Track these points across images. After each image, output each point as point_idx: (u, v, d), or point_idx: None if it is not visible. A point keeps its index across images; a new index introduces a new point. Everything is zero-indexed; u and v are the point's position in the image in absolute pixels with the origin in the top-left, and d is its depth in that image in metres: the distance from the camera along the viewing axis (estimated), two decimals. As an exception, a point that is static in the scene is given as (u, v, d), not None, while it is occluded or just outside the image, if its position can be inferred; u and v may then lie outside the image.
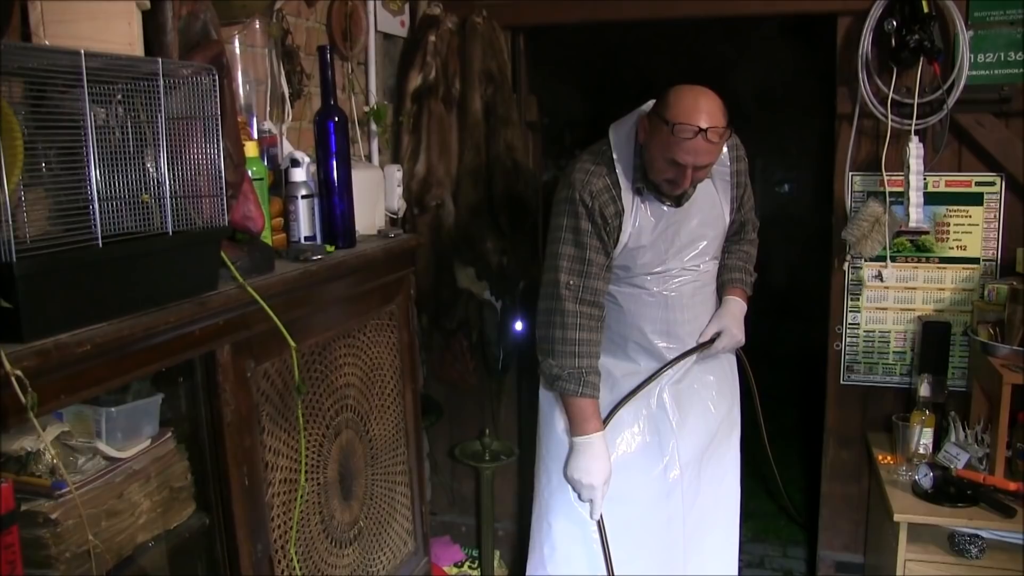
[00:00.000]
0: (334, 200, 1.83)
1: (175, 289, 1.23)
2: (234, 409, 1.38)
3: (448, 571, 3.31)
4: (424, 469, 2.19)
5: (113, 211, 1.17)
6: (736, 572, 2.65)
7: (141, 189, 1.22)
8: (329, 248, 1.79)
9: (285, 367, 1.54)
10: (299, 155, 1.84)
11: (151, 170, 1.24)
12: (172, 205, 1.22)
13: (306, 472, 1.64)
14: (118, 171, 1.19)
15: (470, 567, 3.36)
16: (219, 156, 1.30)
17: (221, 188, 1.30)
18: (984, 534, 2.45)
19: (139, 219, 1.22)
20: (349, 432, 1.81)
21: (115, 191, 1.18)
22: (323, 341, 1.69)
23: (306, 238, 1.81)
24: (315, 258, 1.63)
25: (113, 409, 1.27)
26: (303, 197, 1.79)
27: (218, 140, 1.29)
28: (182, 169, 1.26)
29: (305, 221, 1.80)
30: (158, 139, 1.23)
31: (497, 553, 3.36)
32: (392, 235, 2.00)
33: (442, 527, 3.48)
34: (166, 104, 1.23)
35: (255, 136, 1.87)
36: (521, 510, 3.39)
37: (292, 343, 1.43)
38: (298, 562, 1.61)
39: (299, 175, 1.79)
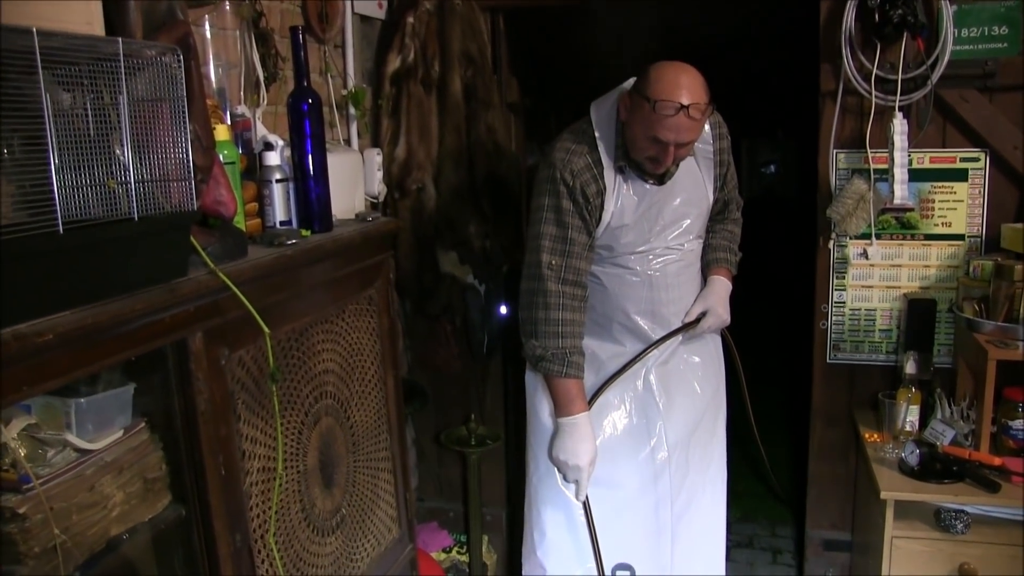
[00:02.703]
0: (309, 184, 1.80)
1: (143, 276, 1.20)
2: (208, 398, 1.35)
3: (436, 557, 3.30)
4: (408, 455, 2.17)
5: (80, 198, 1.14)
6: (724, 554, 2.64)
7: (108, 175, 1.19)
8: (305, 232, 1.76)
9: (261, 354, 1.51)
10: (273, 138, 1.80)
11: (119, 155, 1.20)
12: (137, 190, 1.19)
13: (285, 460, 1.61)
14: (84, 156, 1.15)
15: (458, 552, 3.34)
16: (186, 140, 1.26)
17: (189, 172, 1.27)
18: (969, 509, 2.45)
19: (107, 206, 1.19)
20: (329, 419, 1.78)
21: (82, 177, 1.15)
22: (300, 327, 1.66)
23: (282, 223, 1.78)
24: (290, 243, 1.61)
25: (83, 400, 1.24)
26: (278, 181, 1.76)
27: (185, 123, 1.26)
28: (148, 153, 1.23)
29: (280, 206, 1.77)
30: (123, 123, 1.19)
31: (485, 538, 3.34)
32: (370, 219, 1.97)
33: (429, 513, 3.46)
34: (130, 86, 1.20)
35: (227, 120, 1.83)
36: (509, 494, 3.38)
37: (266, 329, 1.40)
38: (278, 552, 1.58)
39: (273, 159, 1.76)
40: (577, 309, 2.32)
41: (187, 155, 1.26)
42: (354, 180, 2.59)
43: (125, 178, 1.18)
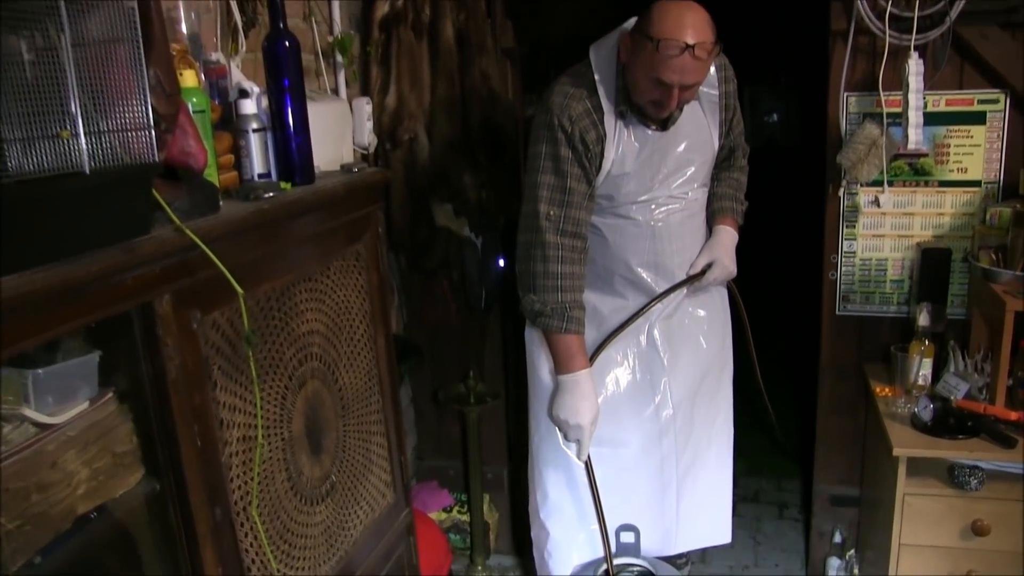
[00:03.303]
0: (288, 133, 1.69)
1: (98, 235, 1.10)
2: (179, 364, 1.26)
3: (437, 517, 3.24)
4: (402, 417, 2.08)
5: (32, 150, 1.04)
6: (731, 511, 2.57)
7: (61, 125, 1.08)
8: (284, 185, 1.66)
9: (237, 316, 1.41)
10: (248, 85, 1.69)
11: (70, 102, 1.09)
12: (90, 141, 1.08)
13: (267, 428, 1.53)
14: (32, 104, 1.05)
15: (459, 512, 3.28)
16: (145, 85, 1.15)
17: (148, 121, 1.16)
18: (984, 465, 2.37)
19: (62, 159, 1.08)
20: (315, 382, 1.69)
21: (33, 128, 1.04)
22: (281, 286, 1.56)
23: (260, 176, 1.67)
24: (267, 196, 1.50)
25: (40, 371, 1.15)
26: (255, 131, 1.65)
27: (142, 67, 1.15)
28: (103, 101, 1.12)
29: (258, 157, 1.66)
30: (78, 67, 1.08)
31: (487, 497, 3.28)
32: (356, 170, 1.86)
33: (429, 472, 3.40)
34: (80, 27, 1.08)
35: (200, 67, 1.72)
36: (511, 452, 3.31)
37: (239, 290, 1.30)
38: (263, 524, 1.50)
39: (249, 107, 1.64)
40: (577, 262, 2.23)
41: (146, 102, 1.15)
42: (342, 131, 2.47)
43: (75, 128, 1.07)
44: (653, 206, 2.29)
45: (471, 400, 3.03)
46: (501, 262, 2.98)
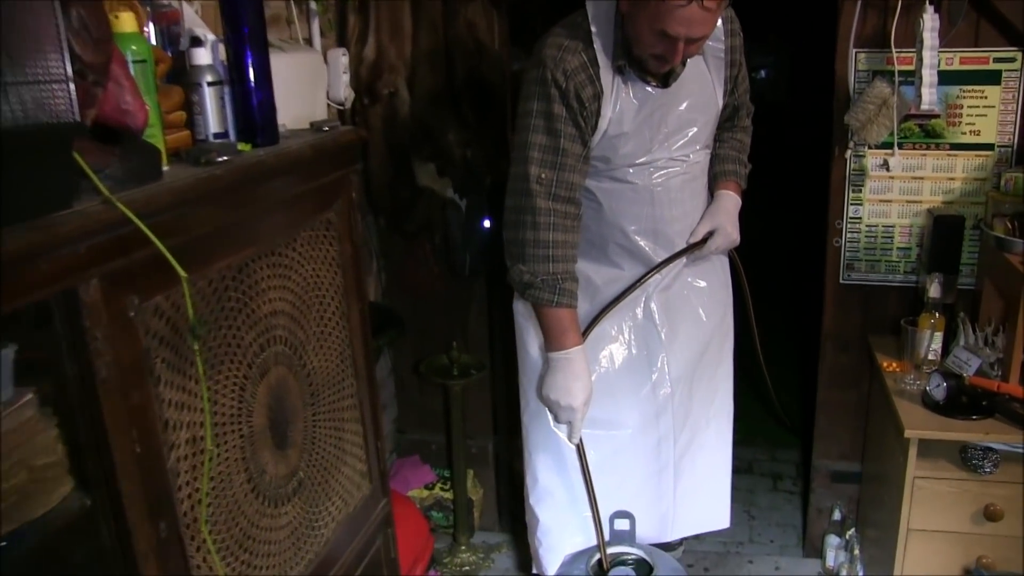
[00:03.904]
0: (248, 87, 1.49)
1: (6, 210, 0.91)
2: (112, 360, 1.08)
3: (418, 494, 3.09)
4: (378, 400, 1.91)
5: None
6: (730, 494, 2.43)
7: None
8: (244, 146, 1.46)
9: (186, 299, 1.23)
10: (201, 31, 1.49)
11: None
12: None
13: (224, 425, 1.35)
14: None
15: (442, 488, 3.13)
16: (60, 27, 0.95)
17: (66, 71, 0.96)
18: (997, 446, 2.23)
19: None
20: (280, 369, 1.51)
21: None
22: (239, 262, 1.37)
23: (216, 135, 1.47)
24: (220, 160, 1.30)
25: (-60, 371, 0.97)
26: (210, 84, 1.44)
27: (54, 5, 0.95)
28: (9, 46, 0.92)
29: (214, 114, 1.46)
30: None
31: (471, 472, 3.13)
32: (327, 128, 1.66)
33: (411, 446, 3.24)
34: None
35: (148, 12, 1.51)
36: (496, 425, 3.15)
37: (182, 273, 1.11)
38: (217, 534, 1.33)
39: (203, 56, 1.44)
40: (570, 229, 2.05)
41: (62, 48, 0.96)
42: (315, 85, 2.27)
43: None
44: (652, 169, 2.12)
45: (455, 372, 2.86)
46: (487, 225, 2.80)
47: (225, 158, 1.32)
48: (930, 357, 2.39)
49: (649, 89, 2.03)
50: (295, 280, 1.55)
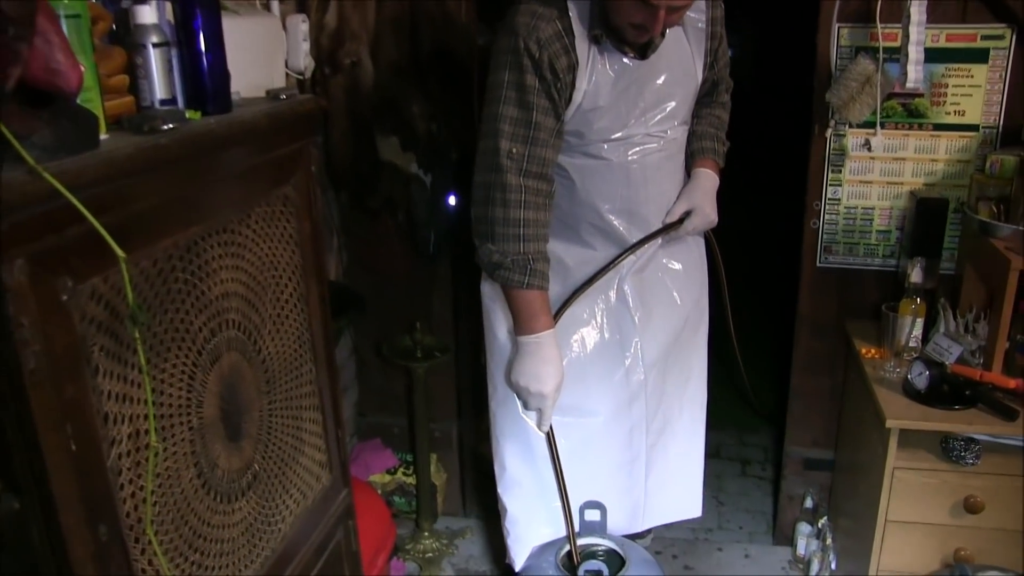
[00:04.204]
0: (198, 49, 1.36)
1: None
2: (42, 349, 0.96)
3: (380, 479, 2.99)
4: (338, 386, 1.80)
5: None
6: (702, 483, 2.36)
7: None
8: (192, 114, 1.34)
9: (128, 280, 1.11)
10: (146, -13, 1.35)
11: None
12: None
13: (171, 417, 1.24)
14: None
15: (404, 473, 3.03)
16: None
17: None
18: (980, 437, 2.17)
19: None
20: (233, 355, 1.40)
21: None
22: (187, 240, 1.25)
23: (163, 102, 1.35)
24: (165, 128, 1.18)
25: None
26: (155, 46, 1.32)
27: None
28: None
29: (160, 79, 1.34)
30: None
31: (434, 457, 3.03)
32: (283, 96, 1.54)
33: (372, 429, 3.14)
34: None
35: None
36: (460, 408, 3.06)
37: (119, 252, 0.99)
38: (164, 535, 1.23)
39: (147, 15, 1.31)
40: (541, 207, 1.95)
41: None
42: (272, 52, 2.16)
43: None
44: (628, 145, 2.02)
45: (418, 355, 2.76)
46: (452, 202, 2.69)
47: (171, 126, 1.20)
48: (911, 344, 2.33)
49: (626, 61, 1.93)
50: (249, 260, 1.44)
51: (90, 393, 1.06)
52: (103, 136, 1.15)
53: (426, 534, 2.97)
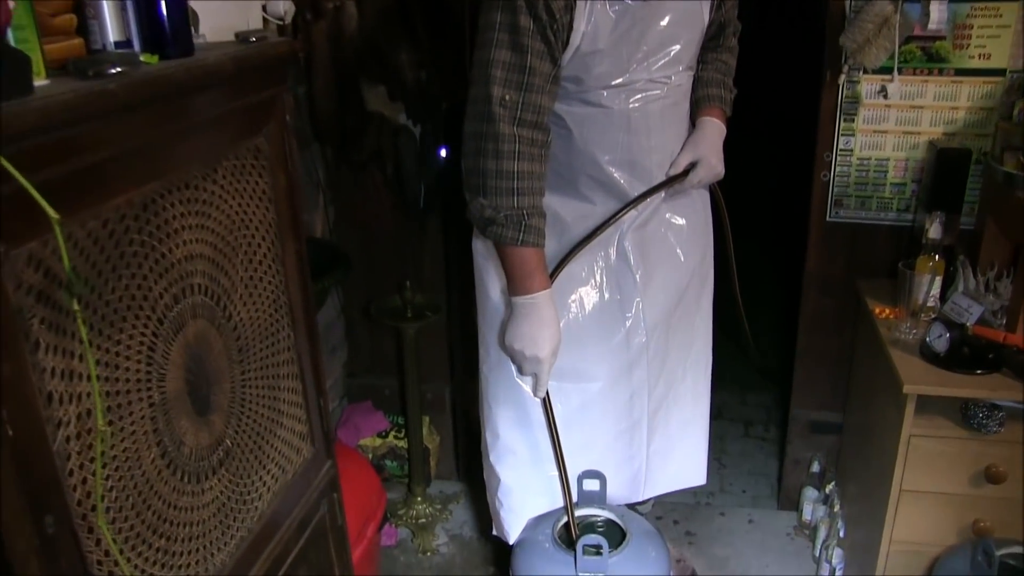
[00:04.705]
0: (155, -16, 1.23)
1: None
2: (-33, 324, 0.84)
3: (371, 443, 2.89)
4: (319, 350, 1.69)
5: None
6: (707, 450, 2.26)
7: None
8: (149, 58, 1.20)
9: (72, 245, 0.99)
10: (94, -88, 1.21)
11: None
12: None
13: (131, 392, 1.12)
14: None
15: (396, 437, 2.93)
16: None
17: None
18: (1004, 404, 2.06)
19: None
20: (199, 323, 1.28)
21: None
22: (142, 198, 1.13)
23: (116, 44, 1.21)
24: (113, 72, 1.05)
25: None
26: (107, -20, 1.18)
27: None
28: None
29: (113, 19, 1.20)
30: None
31: (426, 419, 2.93)
32: (253, 39, 1.40)
33: (362, 391, 3.03)
34: None
35: None
36: (453, 369, 2.95)
37: (51, 212, 0.86)
38: (124, 522, 1.12)
39: (96, -56, 1.17)
40: (537, 158, 1.82)
41: None
42: (247, -5, 2.01)
43: None
44: (629, 92, 1.89)
45: (408, 315, 2.64)
46: (443, 154, 2.56)
47: (119, 70, 1.06)
48: (928, 304, 2.21)
49: (628, 1, 1.79)
50: (216, 218, 1.31)
51: (29, 371, 0.94)
52: (41, 82, 1.02)
53: (419, 499, 2.88)
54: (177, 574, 1.27)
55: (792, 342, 2.74)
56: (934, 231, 2.20)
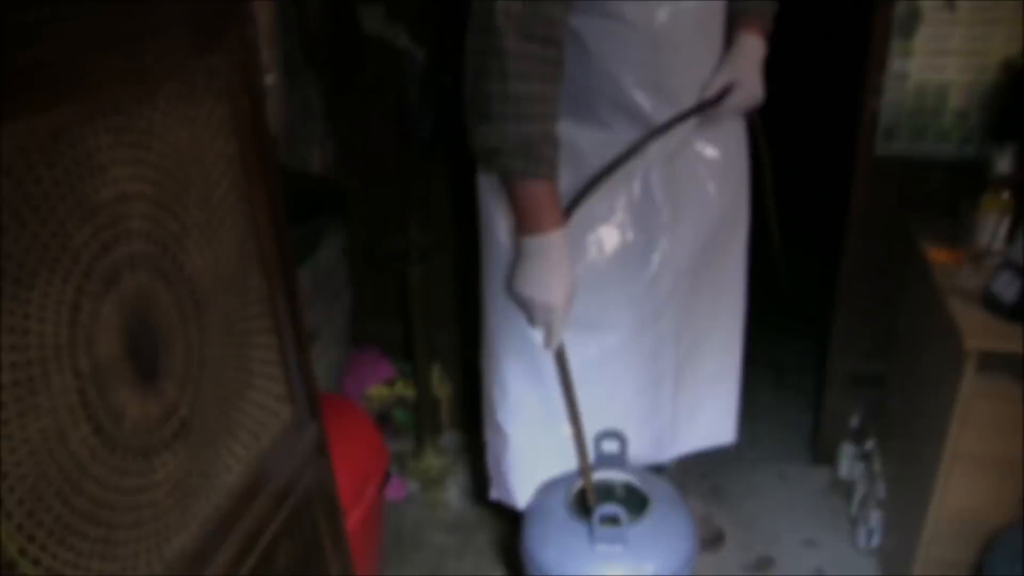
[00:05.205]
0: None
1: None
2: None
3: (377, 392, 2.72)
4: (299, 300, 1.49)
5: None
6: (737, 407, 2.07)
7: None
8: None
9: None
10: None
11: None
12: None
13: (47, 361, 0.93)
14: None
15: (405, 385, 2.76)
16: None
17: None
18: (1075, 362, 1.84)
19: None
20: (139, 275, 1.08)
21: None
22: (51, 127, 0.92)
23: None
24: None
25: None
26: None
27: None
28: None
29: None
30: None
31: (436, 367, 2.75)
32: (204, -67, 1.18)
33: (369, 336, 2.85)
34: None
35: None
36: (463, 312, 2.76)
37: None
38: (47, 512, 0.94)
39: None
40: (548, 78, 1.59)
41: None
42: None
43: None
44: (655, 3, 1.64)
45: (412, 256, 2.44)
46: (449, 80, 2.33)
47: (10, -41, 0.84)
48: (994, 247, 1.97)
49: None
50: (158, 151, 1.10)
51: None
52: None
53: (428, 450, 2.72)
54: (123, 565, 1.09)
55: (832, 287, 2.52)
56: (1003, 164, 1.95)
